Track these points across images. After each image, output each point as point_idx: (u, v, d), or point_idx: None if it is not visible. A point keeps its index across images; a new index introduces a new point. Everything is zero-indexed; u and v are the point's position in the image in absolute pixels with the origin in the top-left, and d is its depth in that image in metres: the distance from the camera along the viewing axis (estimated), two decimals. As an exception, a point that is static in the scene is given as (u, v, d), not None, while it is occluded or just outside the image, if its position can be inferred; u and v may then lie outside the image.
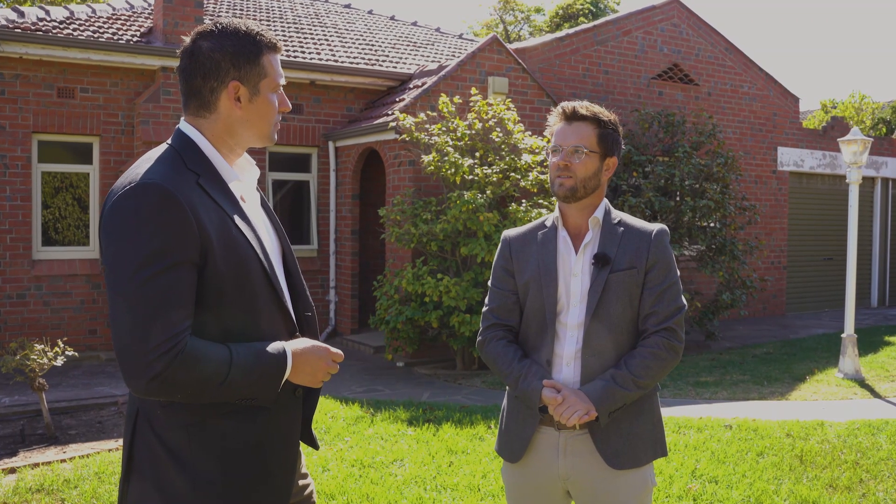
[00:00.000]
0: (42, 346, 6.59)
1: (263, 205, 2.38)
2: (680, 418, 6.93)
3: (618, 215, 2.77)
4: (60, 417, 7.29)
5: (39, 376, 6.51)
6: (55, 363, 6.55)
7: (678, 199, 11.31)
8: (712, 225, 11.85)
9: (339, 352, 2.23)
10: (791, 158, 15.80)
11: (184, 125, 2.19)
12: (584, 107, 2.71)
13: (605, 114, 2.73)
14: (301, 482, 2.41)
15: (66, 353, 6.68)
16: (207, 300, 2.03)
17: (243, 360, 2.02)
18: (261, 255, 2.14)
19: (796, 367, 9.92)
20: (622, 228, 2.72)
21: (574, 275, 2.70)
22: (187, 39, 2.18)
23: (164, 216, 1.94)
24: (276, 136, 2.28)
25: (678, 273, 2.73)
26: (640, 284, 2.66)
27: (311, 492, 2.47)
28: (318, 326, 2.40)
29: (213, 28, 2.16)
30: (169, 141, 2.19)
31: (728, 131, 14.71)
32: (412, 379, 9.46)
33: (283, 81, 2.25)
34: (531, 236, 2.82)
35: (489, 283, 2.90)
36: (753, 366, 10.05)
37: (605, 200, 2.79)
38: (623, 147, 2.58)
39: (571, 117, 2.71)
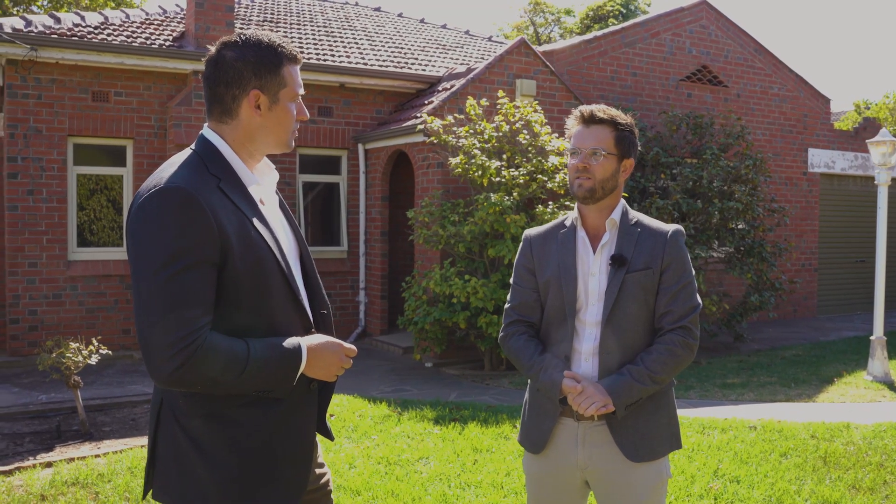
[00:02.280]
0: (77, 344, 6.74)
1: (282, 207, 2.49)
2: (705, 419, 6.95)
3: (635, 216, 2.84)
4: (95, 414, 7.44)
5: (74, 374, 6.66)
6: (89, 361, 6.69)
7: (706, 200, 11.27)
8: (740, 227, 11.81)
9: (353, 347, 2.34)
10: (822, 160, 15.70)
11: (207, 131, 2.30)
12: (601, 110, 2.79)
13: (621, 117, 2.81)
14: (317, 471, 2.52)
15: (100, 351, 6.82)
16: (227, 297, 2.14)
17: (260, 354, 2.13)
18: (278, 255, 2.25)
19: (825, 369, 9.88)
20: (639, 229, 2.79)
21: (592, 274, 2.79)
22: (212, 49, 2.29)
23: (185, 218, 2.05)
24: (293, 144, 2.39)
25: (693, 272, 2.80)
26: (656, 284, 2.74)
27: (328, 481, 2.58)
28: (333, 323, 2.51)
29: (238, 39, 2.27)
30: (193, 146, 2.29)
31: (757, 133, 14.65)
32: (440, 379, 9.54)
33: (301, 91, 2.36)
34: (551, 235, 2.91)
35: (511, 280, 2.99)
36: (781, 368, 10.02)
37: (623, 201, 2.87)
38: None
39: (589, 120, 2.79)
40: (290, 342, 2.20)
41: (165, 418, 2.22)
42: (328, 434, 2.52)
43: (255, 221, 2.22)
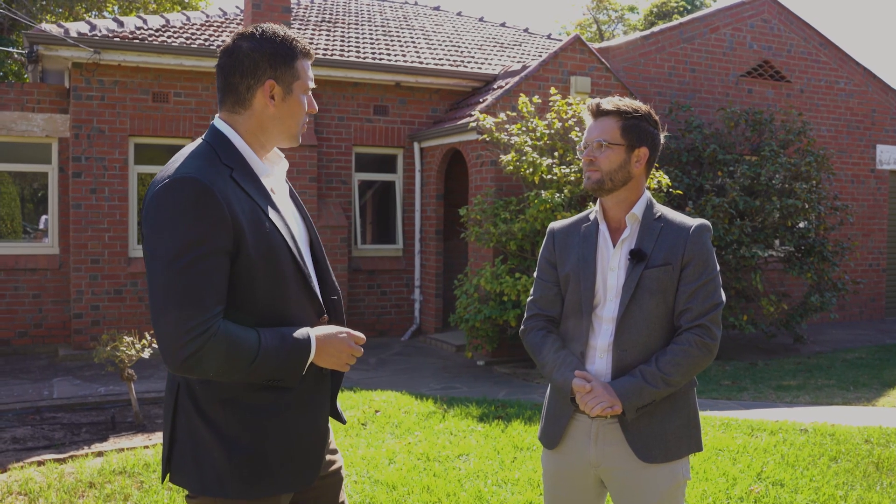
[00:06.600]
0: (130, 338, 6.91)
1: (292, 195, 2.54)
2: (755, 420, 6.81)
3: (660, 210, 2.77)
4: (150, 407, 7.61)
5: (128, 367, 6.83)
6: (142, 355, 6.85)
7: (765, 198, 11.02)
8: (800, 225, 11.52)
9: (361, 335, 2.37)
10: (891, 156, 15.22)
11: (218, 122, 2.35)
12: (608, 102, 2.75)
13: (629, 105, 2.73)
14: (329, 457, 2.55)
15: (153, 345, 6.98)
16: (242, 285, 2.20)
17: (270, 344, 2.17)
18: (290, 243, 2.30)
19: (887, 372, 9.57)
20: (662, 224, 2.73)
21: (611, 269, 2.74)
22: (227, 39, 2.35)
23: (199, 208, 2.10)
24: (301, 138, 2.44)
25: (717, 269, 2.71)
26: (675, 281, 2.67)
27: (340, 467, 2.61)
28: (343, 309, 2.55)
29: (255, 31, 2.33)
30: (205, 137, 2.34)
31: (822, 129, 14.28)
32: (491, 377, 9.53)
33: (312, 85, 2.41)
34: (574, 229, 2.87)
35: (535, 273, 2.96)
36: (841, 370, 9.75)
37: (648, 195, 2.79)
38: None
39: (596, 113, 2.76)
40: (300, 333, 2.25)
41: (182, 403, 2.28)
42: (340, 418, 2.58)
43: (268, 210, 2.28)
